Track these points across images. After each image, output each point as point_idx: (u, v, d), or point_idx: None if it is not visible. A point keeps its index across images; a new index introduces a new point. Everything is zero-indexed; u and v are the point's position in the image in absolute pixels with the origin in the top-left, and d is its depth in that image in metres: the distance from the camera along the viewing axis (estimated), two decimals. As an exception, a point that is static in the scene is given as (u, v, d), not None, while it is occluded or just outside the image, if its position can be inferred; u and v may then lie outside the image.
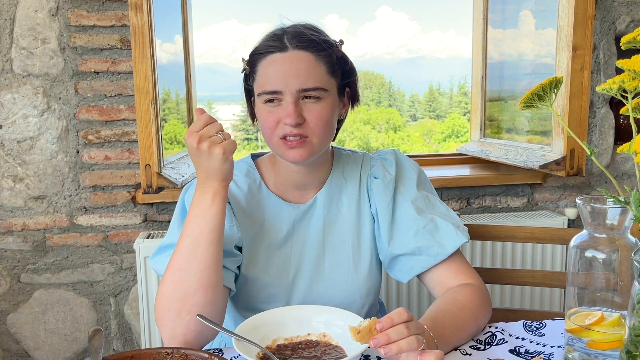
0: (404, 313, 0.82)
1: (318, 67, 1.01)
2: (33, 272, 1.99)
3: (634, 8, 2.12)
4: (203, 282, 0.93)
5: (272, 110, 1.01)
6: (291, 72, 0.99)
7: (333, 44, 1.05)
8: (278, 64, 1.00)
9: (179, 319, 0.93)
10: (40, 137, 1.93)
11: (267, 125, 1.02)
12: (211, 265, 0.93)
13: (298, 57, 1.00)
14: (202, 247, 0.93)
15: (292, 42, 1.00)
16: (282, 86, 0.99)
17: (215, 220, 0.94)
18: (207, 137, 0.92)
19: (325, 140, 1.05)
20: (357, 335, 0.81)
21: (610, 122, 2.18)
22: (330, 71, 1.03)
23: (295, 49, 1.00)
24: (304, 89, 0.99)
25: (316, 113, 1.01)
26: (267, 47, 1.01)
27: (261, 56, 1.02)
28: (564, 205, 2.24)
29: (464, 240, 1.08)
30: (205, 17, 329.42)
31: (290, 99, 0.99)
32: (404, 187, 1.13)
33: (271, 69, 1.00)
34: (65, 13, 1.88)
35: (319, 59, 1.01)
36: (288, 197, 1.13)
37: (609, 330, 0.81)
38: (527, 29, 2.10)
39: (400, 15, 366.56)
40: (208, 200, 0.94)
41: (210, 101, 26.24)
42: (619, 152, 0.71)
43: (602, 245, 0.81)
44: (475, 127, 2.39)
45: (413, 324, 0.82)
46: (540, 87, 0.76)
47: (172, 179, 1.77)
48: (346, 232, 1.13)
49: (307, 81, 0.99)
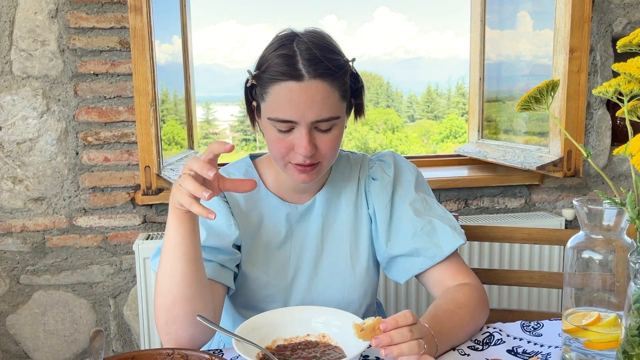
0: (410, 316, 0.82)
1: (332, 96, 0.98)
2: (32, 274, 2.00)
3: (630, 10, 2.14)
4: (179, 297, 0.92)
5: (283, 138, 0.99)
6: (307, 104, 0.96)
7: (346, 66, 1.01)
8: (294, 94, 0.96)
9: (167, 328, 0.94)
10: (40, 139, 1.93)
11: (278, 151, 1.01)
12: (183, 280, 0.91)
13: (315, 89, 0.96)
14: (170, 263, 0.92)
15: (309, 70, 0.96)
16: (297, 117, 0.96)
17: (177, 239, 0.91)
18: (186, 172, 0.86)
19: (333, 161, 1.06)
20: (360, 333, 0.81)
21: (607, 123, 2.19)
22: (343, 96, 1.01)
23: (311, 79, 0.96)
24: (319, 120, 0.98)
25: (328, 142, 1.00)
26: (280, 73, 0.96)
27: (273, 81, 0.97)
28: (561, 206, 2.25)
29: (461, 241, 1.08)
30: (203, 18, 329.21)
31: (304, 130, 0.97)
32: (402, 189, 1.14)
33: (285, 98, 0.96)
34: (64, 15, 1.88)
35: (333, 87, 0.98)
36: (287, 197, 1.13)
37: (606, 331, 0.81)
38: (525, 30, 2.11)
39: (398, 16, 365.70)
40: (172, 220, 0.91)
41: (209, 102, 26.22)
42: (615, 153, 0.72)
43: (598, 246, 0.82)
44: (473, 128, 2.40)
45: (417, 328, 0.82)
46: (537, 90, 0.77)
47: (171, 180, 1.77)
48: (344, 233, 1.13)
49: (321, 112, 0.97)
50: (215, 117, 27.07)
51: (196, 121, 2.24)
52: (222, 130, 27.49)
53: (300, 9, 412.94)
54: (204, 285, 0.95)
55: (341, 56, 1.01)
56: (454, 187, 2.15)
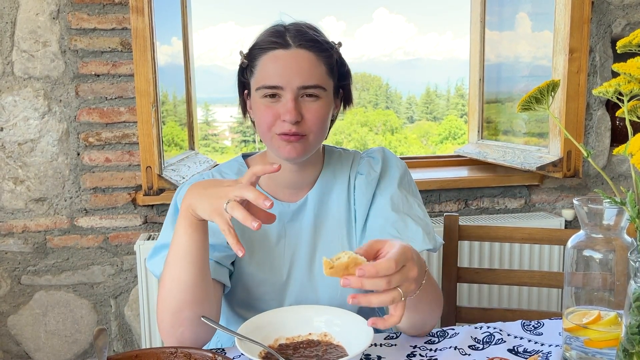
0: (393, 266, 0.74)
1: (319, 67, 1.02)
2: (33, 274, 2.00)
3: (629, 11, 2.14)
4: (188, 301, 0.93)
5: (270, 106, 1.02)
6: (293, 69, 1.00)
7: (333, 45, 1.07)
8: (280, 60, 1.00)
9: (173, 330, 0.95)
10: (41, 140, 1.94)
11: (265, 120, 1.03)
12: (192, 285, 0.92)
13: (301, 55, 1.01)
14: (179, 269, 0.92)
15: (295, 40, 1.01)
16: (283, 82, 1.00)
17: (188, 246, 0.91)
18: (235, 200, 0.82)
19: (319, 139, 1.07)
20: (330, 270, 0.74)
21: (607, 124, 2.20)
22: (329, 72, 1.05)
23: (298, 47, 1.01)
24: (305, 86, 1.01)
25: (314, 111, 1.02)
26: (269, 42, 1.02)
27: (262, 51, 1.03)
28: (560, 206, 2.25)
29: (429, 247, 1.06)
30: (202, 20, 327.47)
31: (290, 96, 1.00)
32: (384, 183, 1.14)
33: (272, 65, 1.01)
34: (66, 16, 1.89)
35: (319, 59, 1.02)
36: (279, 195, 1.14)
37: (606, 329, 0.82)
38: (524, 32, 2.11)
39: (397, 17, 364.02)
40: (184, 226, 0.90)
41: (208, 103, 26.21)
42: (615, 153, 0.73)
43: (599, 246, 0.83)
44: (473, 129, 2.40)
45: (399, 277, 0.75)
46: (537, 90, 0.77)
47: (172, 180, 1.78)
48: (336, 231, 1.13)
49: (308, 79, 1.01)
50: (215, 119, 27.05)
51: (197, 122, 2.25)
52: (221, 132, 27.47)
53: (299, 10, 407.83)
54: (211, 288, 0.96)
55: (327, 38, 1.07)
56: (454, 188, 2.16)
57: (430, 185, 2.11)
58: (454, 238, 1.43)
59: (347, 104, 1.15)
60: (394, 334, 1.03)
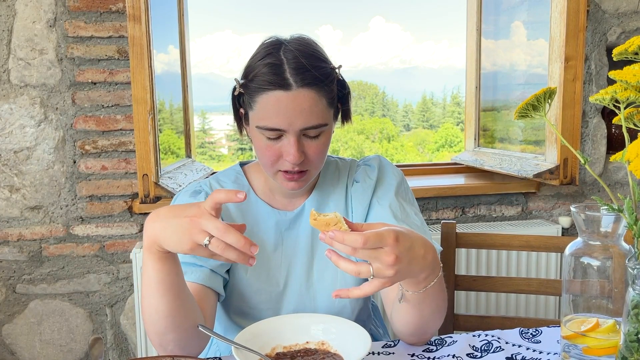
0: (360, 239, 0.74)
1: (320, 104, 0.99)
2: (29, 283, 1.99)
3: (624, 20, 2.16)
4: (170, 327, 0.90)
5: (271, 145, 1.01)
6: (295, 113, 0.97)
7: (333, 73, 1.02)
8: (281, 103, 0.97)
9: (162, 348, 0.94)
10: (37, 148, 1.93)
11: (267, 159, 1.02)
12: (170, 313, 0.89)
13: (302, 97, 0.97)
14: (156, 300, 0.88)
15: (296, 79, 0.97)
16: (285, 125, 0.98)
17: (159, 277, 0.87)
18: (205, 230, 0.78)
19: (320, 167, 1.07)
20: (313, 222, 0.79)
21: (603, 131, 2.21)
22: (330, 103, 1.02)
23: (298, 88, 0.97)
24: (307, 127, 0.99)
25: (316, 149, 1.02)
26: (267, 82, 0.97)
27: (261, 90, 0.98)
28: (557, 213, 2.26)
29: None
30: (199, 28, 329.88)
31: (293, 138, 0.99)
32: (381, 191, 1.13)
33: (273, 107, 0.98)
34: (62, 24, 1.89)
35: (321, 94, 0.99)
36: (276, 203, 1.14)
37: (605, 337, 0.82)
38: (519, 40, 2.13)
39: (393, 26, 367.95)
40: (152, 260, 0.86)
41: (205, 111, 26.21)
42: (611, 161, 0.73)
43: (596, 253, 0.83)
44: (470, 136, 2.41)
45: (366, 253, 0.76)
46: (534, 97, 0.77)
47: (169, 188, 1.77)
48: None
49: (309, 120, 0.98)
50: (211, 127, 27.08)
51: (193, 130, 2.25)
52: (218, 139, 27.48)
53: (296, 19, 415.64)
54: (192, 310, 0.92)
55: (328, 64, 1.03)
56: (451, 195, 2.16)
57: (427, 192, 2.11)
58: (451, 245, 1.43)
59: (345, 121, 1.13)
60: (392, 342, 1.02)
